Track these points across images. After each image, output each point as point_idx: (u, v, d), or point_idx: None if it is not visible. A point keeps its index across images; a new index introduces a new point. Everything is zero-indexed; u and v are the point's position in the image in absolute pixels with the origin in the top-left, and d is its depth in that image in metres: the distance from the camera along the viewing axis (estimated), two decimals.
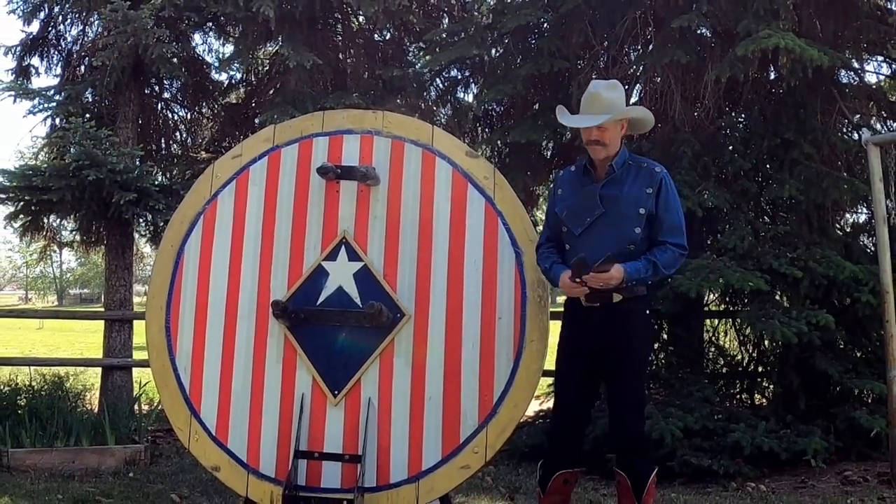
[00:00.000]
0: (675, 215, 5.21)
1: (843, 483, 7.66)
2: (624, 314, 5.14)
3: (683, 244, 5.21)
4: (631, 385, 5.25)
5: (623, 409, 5.23)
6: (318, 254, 5.98)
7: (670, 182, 5.25)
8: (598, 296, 5.10)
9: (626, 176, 5.21)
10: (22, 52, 11.94)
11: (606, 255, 4.91)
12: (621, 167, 5.22)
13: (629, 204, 5.13)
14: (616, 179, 5.20)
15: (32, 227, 11.02)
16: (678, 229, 5.20)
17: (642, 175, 5.21)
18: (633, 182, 5.19)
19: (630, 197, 5.14)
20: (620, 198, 5.15)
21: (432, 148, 6.08)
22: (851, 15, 8.96)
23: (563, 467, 5.33)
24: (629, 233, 5.12)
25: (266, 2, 9.53)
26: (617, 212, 5.14)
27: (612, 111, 5.14)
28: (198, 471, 7.39)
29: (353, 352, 5.79)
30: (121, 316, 10.61)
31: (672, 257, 5.14)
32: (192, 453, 6.00)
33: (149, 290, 6.23)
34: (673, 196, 5.24)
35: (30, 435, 8.29)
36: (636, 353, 5.29)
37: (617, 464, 5.27)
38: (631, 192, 5.16)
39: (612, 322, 5.13)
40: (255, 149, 6.31)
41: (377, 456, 5.67)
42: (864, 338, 9.01)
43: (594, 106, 5.18)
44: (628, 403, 5.24)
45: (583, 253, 5.01)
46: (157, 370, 6.07)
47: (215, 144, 12.70)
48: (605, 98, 5.18)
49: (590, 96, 5.23)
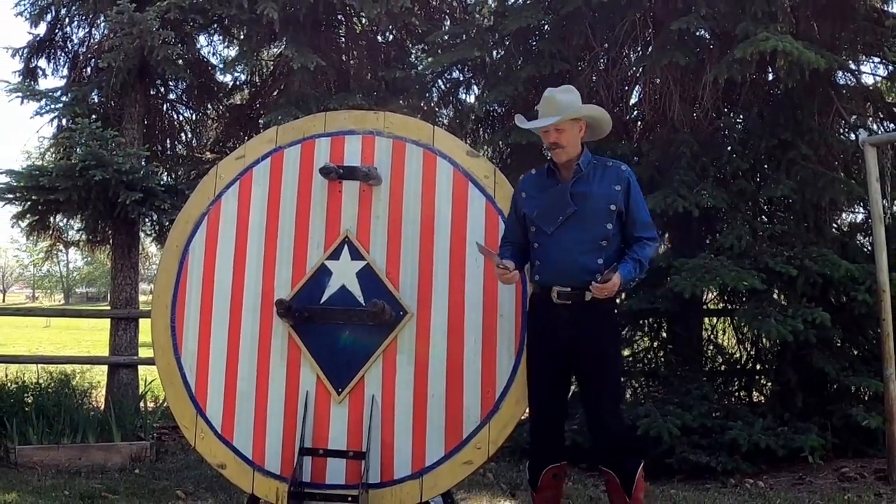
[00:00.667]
0: (644, 211, 5.35)
1: (841, 479, 7.67)
2: (594, 312, 5.15)
3: (655, 236, 5.38)
4: (608, 386, 5.27)
5: (604, 412, 5.25)
6: (321, 253, 5.99)
7: (635, 179, 5.34)
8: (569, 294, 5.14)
9: (593, 175, 5.27)
10: (29, 53, 11.95)
11: (613, 265, 5.02)
12: (587, 166, 5.28)
13: (600, 201, 5.18)
14: (584, 178, 5.25)
15: (39, 226, 11.02)
16: (649, 224, 5.35)
17: (609, 173, 5.28)
18: (602, 180, 5.25)
19: (600, 194, 5.20)
20: (590, 195, 5.20)
21: (433, 148, 6.09)
22: (848, 17, 8.96)
23: (549, 462, 5.33)
24: (600, 229, 5.16)
25: (270, 4, 9.53)
26: (588, 209, 5.18)
27: (565, 112, 5.19)
28: (203, 467, 7.40)
29: (357, 350, 5.80)
30: (127, 314, 10.61)
31: (650, 251, 5.31)
32: (198, 451, 6.00)
33: (154, 289, 6.24)
34: (639, 192, 5.35)
35: (37, 432, 8.30)
36: (611, 354, 5.34)
37: (602, 462, 5.30)
38: (600, 189, 5.21)
39: (582, 320, 5.14)
40: (259, 150, 6.31)
41: (381, 452, 5.68)
42: (861, 336, 9.03)
43: (549, 109, 5.25)
44: (607, 405, 5.26)
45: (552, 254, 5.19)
46: (163, 369, 6.07)
47: (220, 145, 12.72)
48: (559, 100, 5.25)
49: (545, 101, 5.31)
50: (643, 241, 5.24)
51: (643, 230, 5.25)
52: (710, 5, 8.87)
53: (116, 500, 6.88)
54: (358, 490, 5.51)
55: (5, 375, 9.85)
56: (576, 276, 5.10)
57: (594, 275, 5.02)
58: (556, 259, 5.19)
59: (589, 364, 5.23)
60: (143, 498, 7.04)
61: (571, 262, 5.12)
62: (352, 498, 5.51)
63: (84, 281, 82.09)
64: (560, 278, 5.16)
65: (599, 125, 5.44)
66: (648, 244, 5.26)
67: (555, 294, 5.16)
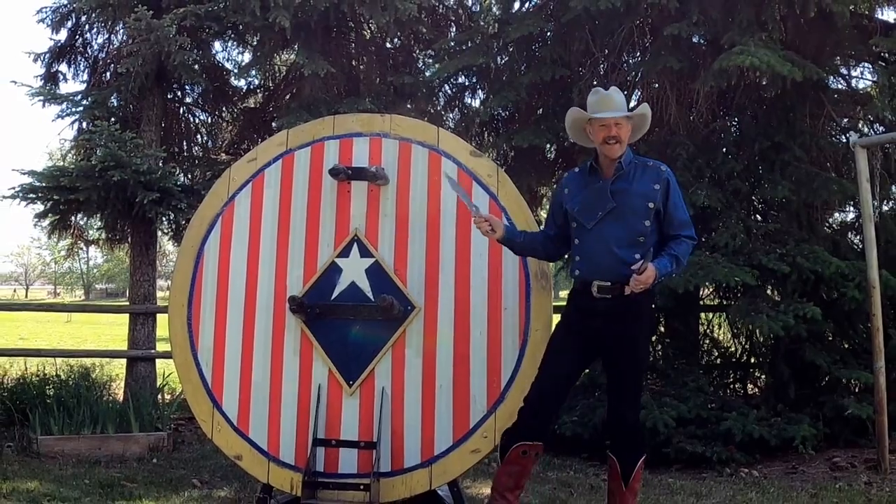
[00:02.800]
0: (683, 210, 5.29)
1: (832, 469, 7.67)
2: (632, 306, 5.14)
3: (694, 235, 5.31)
4: (632, 379, 5.27)
5: (623, 403, 5.26)
6: (331, 251, 6.02)
7: (674, 179, 5.30)
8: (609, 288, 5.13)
9: (633, 173, 5.23)
10: (50, 58, 11.93)
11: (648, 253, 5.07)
12: (629, 165, 5.24)
13: (638, 198, 5.15)
14: (624, 176, 5.22)
15: (60, 225, 11.01)
16: (688, 223, 5.29)
17: (649, 172, 5.24)
18: (641, 178, 5.21)
19: (639, 192, 5.17)
20: (630, 193, 5.17)
21: (438, 148, 6.12)
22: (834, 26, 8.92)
23: (523, 439, 5.23)
24: (638, 225, 5.14)
25: (282, 12, 9.52)
26: (627, 206, 5.16)
27: (623, 110, 5.20)
28: (218, 457, 7.40)
29: (367, 343, 5.83)
30: (145, 310, 10.61)
31: (687, 248, 5.25)
32: (215, 443, 6.03)
33: (171, 288, 6.26)
34: (678, 192, 5.29)
35: (58, 423, 8.30)
36: (641, 347, 5.32)
37: (610, 449, 5.29)
38: (639, 187, 5.18)
39: (621, 313, 5.13)
40: (270, 152, 6.35)
41: (391, 442, 5.72)
42: (851, 330, 9.04)
43: (608, 105, 5.20)
44: (628, 397, 5.27)
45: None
46: (180, 365, 6.11)
47: (234, 147, 12.70)
48: (616, 99, 5.23)
49: (601, 98, 5.23)
50: (680, 238, 5.21)
51: (681, 228, 5.22)
52: (702, 13, 8.85)
53: (135, 489, 6.87)
54: (369, 478, 5.55)
55: (28, 368, 9.85)
56: (613, 269, 5.11)
57: (631, 268, 5.02)
58: (595, 253, 5.19)
59: (619, 358, 5.24)
60: (160, 486, 7.03)
61: (610, 256, 5.12)
62: (364, 486, 5.55)
63: (104, 277, 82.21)
64: (599, 272, 5.16)
65: (641, 128, 5.42)
66: (685, 241, 5.22)
67: (595, 288, 5.16)
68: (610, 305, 5.14)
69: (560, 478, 7.49)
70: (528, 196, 9.22)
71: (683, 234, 5.23)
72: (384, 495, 5.62)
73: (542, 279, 5.81)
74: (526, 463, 5.29)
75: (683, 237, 5.23)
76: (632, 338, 5.20)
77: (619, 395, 5.28)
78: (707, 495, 6.82)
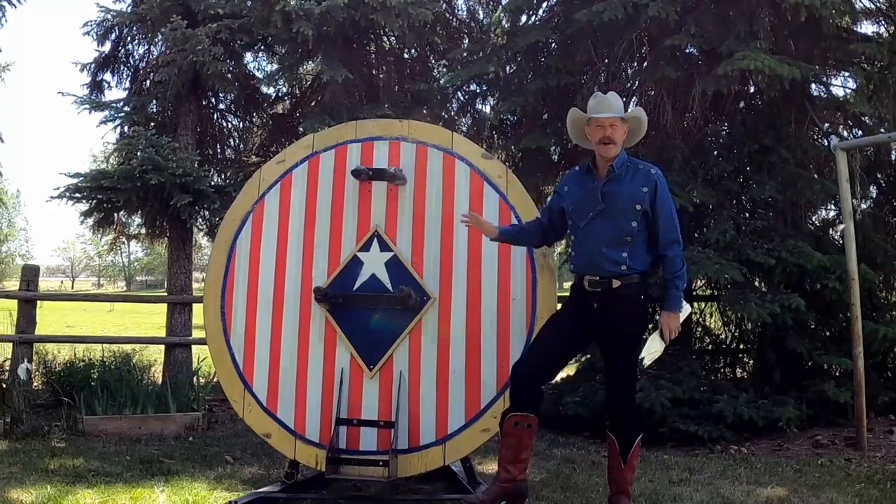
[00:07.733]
0: (671, 213, 5.19)
1: (815, 446, 7.66)
2: (623, 298, 5.12)
3: (678, 238, 5.19)
4: (626, 364, 5.22)
5: (619, 386, 5.23)
6: (353, 246, 6.04)
7: (664, 182, 5.22)
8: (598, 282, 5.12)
9: (624, 175, 5.18)
10: (95, 68, 11.96)
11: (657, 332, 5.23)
12: (621, 167, 5.19)
13: (627, 200, 5.10)
14: (616, 178, 5.17)
15: (104, 222, 11.04)
16: (674, 226, 5.17)
17: (639, 175, 5.18)
18: (631, 181, 5.16)
19: (628, 193, 5.11)
20: (619, 195, 5.12)
21: (452, 151, 6.13)
22: (819, 36, 8.90)
23: (514, 410, 5.17)
24: (626, 226, 5.10)
25: (305, 24, 9.51)
26: (616, 207, 5.11)
27: (620, 112, 5.18)
28: (249, 435, 7.40)
29: (386, 331, 5.85)
30: (182, 300, 10.62)
31: (680, 263, 5.16)
32: (246, 422, 6.06)
33: (206, 280, 6.28)
34: (667, 195, 5.21)
35: (101, 404, 8.32)
36: (632, 335, 5.26)
37: (610, 428, 5.26)
38: (629, 189, 5.13)
39: (612, 304, 5.12)
40: (297, 155, 6.37)
41: (408, 422, 5.73)
42: (832, 319, 9.01)
43: (605, 107, 5.18)
44: (623, 381, 5.24)
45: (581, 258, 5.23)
46: (215, 351, 6.15)
47: (264, 150, 12.70)
48: (613, 102, 5.21)
49: (600, 101, 5.22)
50: (667, 259, 5.14)
51: (666, 232, 5.12)
52: (699, 25, 8.84)
53: (172, 465, 6.89)
54: (388, 455, 5.56)
55: (74, 354, 9.88)
56: (602, 266, 5.10)
57: (619, 266, 5.05)
58: (586, 250, 5.19)
59: (613, 343, 5.22)
60: (195, 462, 7.05)
61: (598, 254, 5.10)
62: (383, 462, 5.55)
63: (144, 270, 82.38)
64: (589, 268, 5.16)
65: (637, 132, 5.38)
66: (673, 260, 5.14)
67: (586, 283, 5.16)
68: (601, 297, 5.13)
69: (564, 454, 7.49)
70: (534, 195, 9.24)
71: (669, 253, 5.14)
72: (402, 470, 5.63)
73: (548, 272, 5.83)
74: (520, 434, 5.17)
75: (669, 257, 5.14)
76: (621, 325, 5.16)
77: (615, 379, 5.26)
78: (699, 470, 6.82)
